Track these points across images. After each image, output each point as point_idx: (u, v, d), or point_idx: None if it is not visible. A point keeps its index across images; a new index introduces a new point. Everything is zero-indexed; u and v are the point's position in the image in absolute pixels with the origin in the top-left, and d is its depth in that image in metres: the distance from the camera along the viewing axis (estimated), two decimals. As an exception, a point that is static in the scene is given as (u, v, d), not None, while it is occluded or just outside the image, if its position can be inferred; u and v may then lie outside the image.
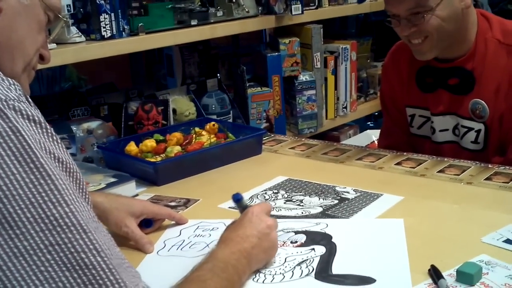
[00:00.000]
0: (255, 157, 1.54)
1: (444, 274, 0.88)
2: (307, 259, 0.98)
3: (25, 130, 0.65)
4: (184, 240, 1.10)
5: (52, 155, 0.67)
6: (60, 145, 0.69)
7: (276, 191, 1.29)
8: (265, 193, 1.28)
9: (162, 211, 1.16)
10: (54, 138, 0.69)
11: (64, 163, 0.68)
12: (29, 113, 0.67)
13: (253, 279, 0.92)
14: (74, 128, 1.66)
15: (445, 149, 1.51)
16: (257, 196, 1.27)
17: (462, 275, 0.87)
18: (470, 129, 1.45)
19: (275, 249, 0.97)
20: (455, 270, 0.88)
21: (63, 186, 0.65)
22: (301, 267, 0.95)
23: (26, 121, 0.66)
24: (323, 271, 0.94)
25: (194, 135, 1.52)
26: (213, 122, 1.61)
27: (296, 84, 2.16)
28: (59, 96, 1.91)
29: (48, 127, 0.69)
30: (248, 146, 1.55)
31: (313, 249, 1.01)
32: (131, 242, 1.07)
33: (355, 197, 1.22)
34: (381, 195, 1.22)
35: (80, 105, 1.78)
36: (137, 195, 1.32)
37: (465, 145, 1.48)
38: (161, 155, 1.45)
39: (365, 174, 1.38)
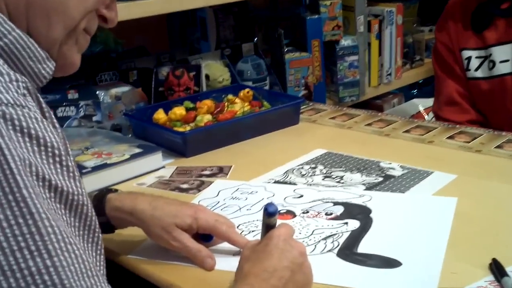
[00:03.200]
0: (292, 128, 1.43)
1: (507, 270, 0.76)
2: (336, 234, 0.89)
3: (10, 148, 0.50)
4: (218, 202, 1.03)
5: (46, 183, 0.52)
6: (65, 169, 0.55)
7: (314, 165, 1.18)
8: (302, 168, 1.17)
9: (218, 229, 0.84)
10: (57, 159, 0.54)
11: (65, 193, 0.54)
12: (24, 124, 0.52)
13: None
14: (101, 93, 1.58)
15: (505, 82, 1.45)
16: (293, 171, 1.16)
17: (530, 272, 0.74)
18: None
19: (310, 283, 0.74)
20: (521, 265, 0.76)
21: (49, 230, 0.50)
22: (326, 242, 0.87)
23: (18, 134, 0.51)
24: (348, 248, 0.85)
25: (226, 103, 1.41)
26: (247, 89, 1.50)
27: (337, 49, 2.02)
28: (87, 60, 1.82)
29: (53, 144, 0.54)
30: (284, 115, 1.43)
31: (346, 223, 0.92)
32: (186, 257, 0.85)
33: (401, 174, 1.10)
34: (432, 172, 1.10)
35: (109, 69, 1.70)
36: (163, 167, 1.23)
37: None
38: (191, 124, 1.35)
39: (413, 148, 1.25)
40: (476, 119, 1.50)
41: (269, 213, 0.73)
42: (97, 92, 1.58)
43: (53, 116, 0.59)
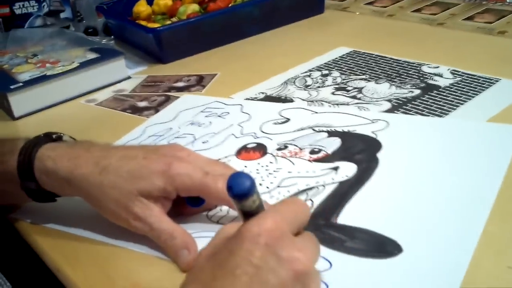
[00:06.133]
0: (313, 19, 1.07)
1: None
2: (314, 187, 0.54)
3: None
4: (171, 128, 0.72)
5: None
6: None
7: (327, 71, 0.83)
8: (309, 75, 0.83)
9: (209, 189, 0.50)
10: None
11: None
12: None
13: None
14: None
15: None
16: (295, 80, 0.82)
17: None
18: None
19: None
20: None
21: None
22: None
23: None
24: (324, 214, 0.50)
25: (222, -12, 1.06)
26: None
27: None
28: None
29: None
30: (302, 2, 1.07)
31: (336, 168, 0.57)
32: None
33: (451, 84, 0.74)
34: (497, 81, 0.73)
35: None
36: (129, 77, 0.92)
37: None
38: (173, 18, 1.02)
39: (476, 43, 0.87)
40: None
41: (235, 195, 0.37)
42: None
43: None
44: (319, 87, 0.78)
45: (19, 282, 0.65)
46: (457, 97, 0.70)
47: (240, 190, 0.36)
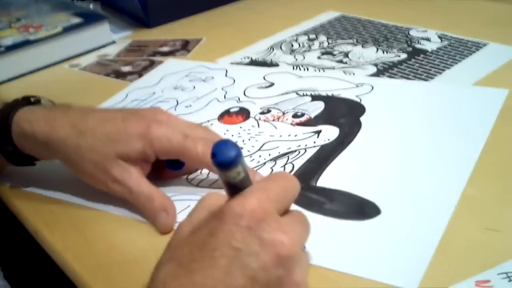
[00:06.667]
0: (302, -17, 1.05)
1: None
2: (295, 150, 0.54)
3: None
4: (154, 93, 0.70)
5: None
6: None
7: (314, 36, 0.82)
8: (295, 39, 0.81)
9: (189, 151, 0.49)
10: None
11: None
12: None
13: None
14: None
15: None
16: (281, 44, 0.80)
17: None
18: None
19: None
20: None
21: None
22: (275, 164, 0.52)
23: None
24: (304, 176, 0.50)
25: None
26: None
27: None
28: None
29: None
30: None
31: (319, 131, 0.56)
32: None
33: (438, 48, 0.73)
34: (485, 44, 0.72)
35: None
36: (113, 42, 0.91)
37: None
38: (159, -18, 1.00)
39: (465, 7, 0.86)
40: None
41: (219, 164, 0.34)
42: None
43: None
44: (305, 51, 0.77)
45: (2, 248, 0.64)
46: (444, 61, 0.69)
47: (224, 158, 0.34)
